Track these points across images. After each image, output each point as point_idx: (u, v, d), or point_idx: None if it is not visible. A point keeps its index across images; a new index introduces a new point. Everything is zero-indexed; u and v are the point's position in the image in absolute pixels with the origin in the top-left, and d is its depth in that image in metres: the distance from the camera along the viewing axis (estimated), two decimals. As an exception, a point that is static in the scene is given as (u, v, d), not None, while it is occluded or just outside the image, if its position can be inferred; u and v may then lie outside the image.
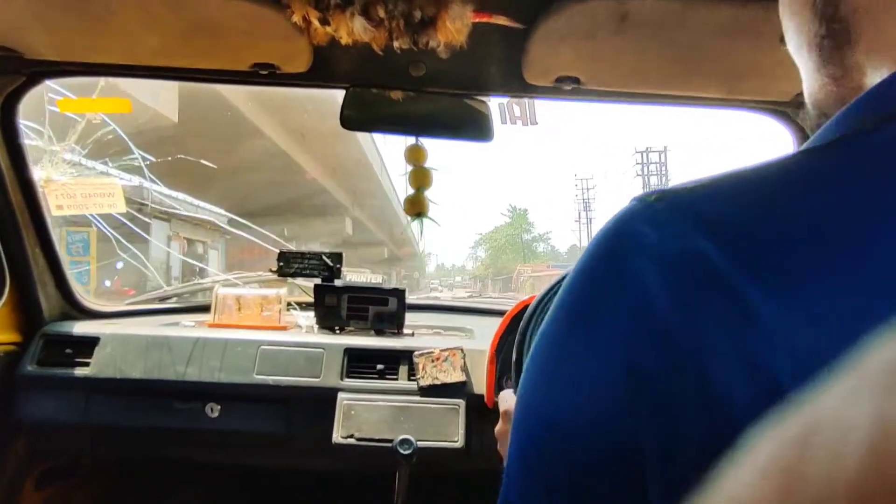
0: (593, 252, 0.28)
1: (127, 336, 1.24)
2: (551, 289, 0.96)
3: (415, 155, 1.14)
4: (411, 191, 1.17)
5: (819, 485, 0.12)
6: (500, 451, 0.76)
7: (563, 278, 1.03)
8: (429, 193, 1.16)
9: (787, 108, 1.10)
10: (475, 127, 1.11)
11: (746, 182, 0.26)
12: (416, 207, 1.16)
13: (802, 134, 1.13)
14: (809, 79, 0.34)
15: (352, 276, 1.82)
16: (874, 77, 0.29)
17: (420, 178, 1.15)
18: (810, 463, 0.12)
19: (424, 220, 1.18)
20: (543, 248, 42.13)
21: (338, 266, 1.43)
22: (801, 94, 1.06)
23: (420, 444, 1.11)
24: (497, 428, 0.78)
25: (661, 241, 0.25)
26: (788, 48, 0.36)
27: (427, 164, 1.15)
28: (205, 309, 1.48)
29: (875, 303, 0.21)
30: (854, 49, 0.30)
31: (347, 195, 14.59)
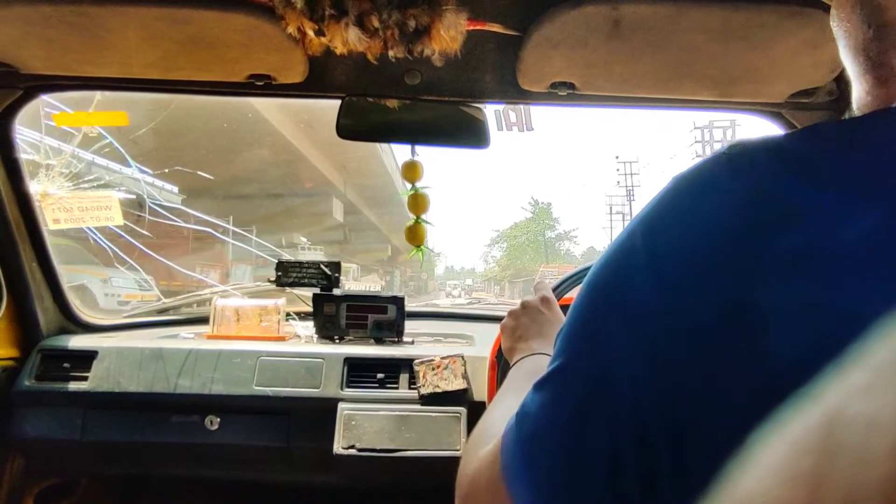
0: (668, 202, 0.29)
1: (125, 349, 1.23)
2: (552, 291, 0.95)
3: (411, 172, 1.14)
4: (411, 218, 1.17)
5: (847, 488, 0.11)
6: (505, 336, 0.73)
7: (565, 279, 1.02)
8: (425, 216, 1.16)
9: (782, 110, 1.11)
10: (471, 134, 1.11)
11: (821, 131, 0.28)
12: (417, 239, 1.16)
13: None
14: (857, 84, 0.35)
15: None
16: None
17: (418, 204, 1.15)
18: (834, 464, 0.12)
19: (424, 250, 1.19)
20: (568, 248, 37.66)
21: (336, 275, 1.43)
22: (794, 95, 1.06)
23: (421, 453, 1.10)
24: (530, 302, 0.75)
25: (733, 191, 0.26)
26: (842, 57, 0.37)
27: (422, 184, 1.15)
28: (203, 320, 1.47)
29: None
30: None
31: (336, 171, 11.83)
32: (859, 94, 0.35)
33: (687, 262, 0.26)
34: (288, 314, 1.48)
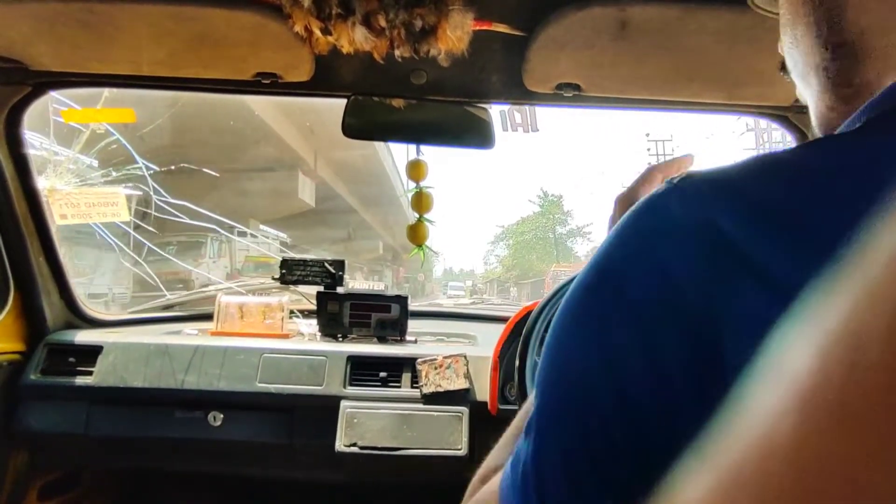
0: (623, 230, 0.30)
1: (130, 344, 1.24)
2: (555, 293, 0.95)
3: (416, 170, 1.14)
4: (414, 216, 1.17)
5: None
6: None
7: (570, 282, 1.03)
8: (428, 215, 1.16)
9: (788, 113, 1.11)
10: (477, 134, 1.11)
11: (768, 161, 0.28)
12: (419, 238, 1.16)
13: (803, 137, 1.14)
14: (816, 100, 0.35)
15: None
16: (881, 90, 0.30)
17: (422, 203, 1.15)
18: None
19: (426, 249, 1.19)
20: (580, 245, 32.69)
21: (340, 273, 1.43)
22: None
23: (423, 452, 1.11)
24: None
25: (684, 216, 0.27)
26: (791, 75, 0.37)
27: (426, 183, 1.15)
28: (208, 317, 1.48)
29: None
30: (863, 68, 0.32)
31: (302, 138, 8.71)
32: (820, 111, 0.35)
33: (655, 299, 0.27)
34: (291, 312, 1.49)
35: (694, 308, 0.25)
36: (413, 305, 1.48)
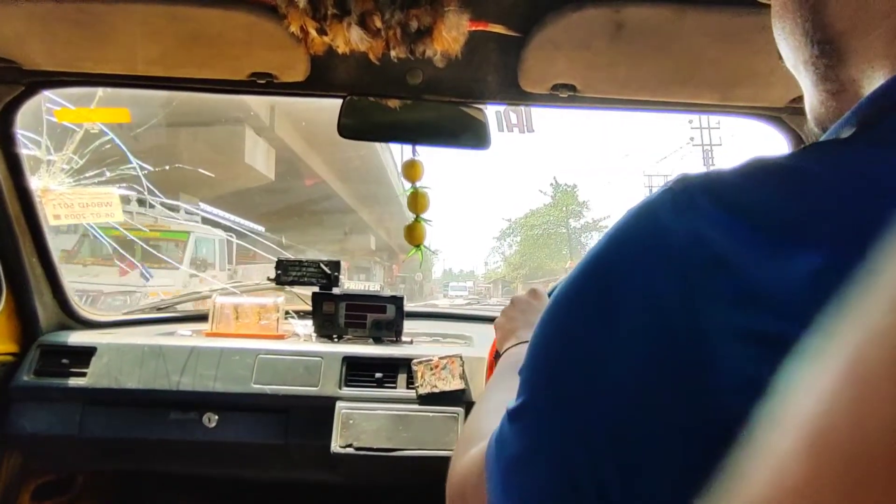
0: (614, 236, 0.29)
1: (124, 346, 1.23)
2: (551, 293, 0.96)
3: (411, 171, 1.14)
4: (410, 217, 1.17)
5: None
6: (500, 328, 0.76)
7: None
8: (425, 215, 1.16)
9: (782, 114, 1.11)
10: (472, 134, 1.11)
11: (766, 168, 0.28)
12: (416, 238, 1.16)
13: (797, 138, 1.14)
14: (809, 94, 0.36)
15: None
16: (870, 89, 0.30)
17: (418, 203, 1.15)
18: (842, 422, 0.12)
19: (424, 249, 1.19)
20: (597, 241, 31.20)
21: (336, 274, 1.43)
22: (794, 100, 1.07)
23: (419, 453, 1.11)
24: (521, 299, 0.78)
25: (675, 228, 0.26)
26: (786, 65, 0.38)
27: (422, 184, 1.15)
28: (202, 318, 1.47)
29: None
30: (846, 67, 0.32)
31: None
32: (813, 104, 0.35)
33: (638, 312, 0.26)
34: (287, 312, 1.48)
35: (678, 324, 0.25)
36: (409, 306, 1.48)
